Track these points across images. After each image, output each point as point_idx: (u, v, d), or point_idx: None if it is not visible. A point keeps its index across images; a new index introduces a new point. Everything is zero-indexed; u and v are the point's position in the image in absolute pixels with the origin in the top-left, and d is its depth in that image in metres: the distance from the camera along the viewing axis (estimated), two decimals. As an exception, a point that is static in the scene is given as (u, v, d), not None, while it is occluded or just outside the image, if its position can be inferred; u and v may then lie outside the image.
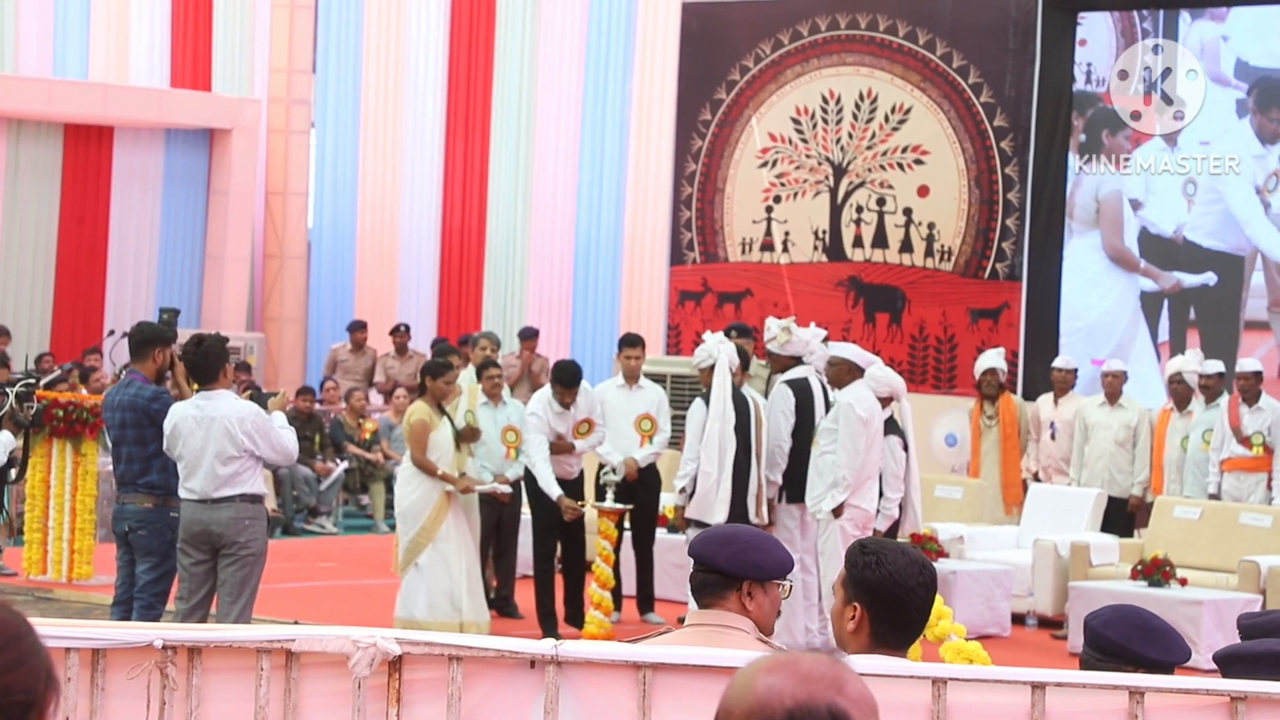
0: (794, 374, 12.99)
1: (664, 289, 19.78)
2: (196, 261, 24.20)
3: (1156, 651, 4.71)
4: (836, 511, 12.27)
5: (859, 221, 18.41)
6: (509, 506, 13.58)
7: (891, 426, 12.62)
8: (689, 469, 12.72)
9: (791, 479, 12.85)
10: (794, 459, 12.83)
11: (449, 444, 12.57)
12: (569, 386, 13.25)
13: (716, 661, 4.57)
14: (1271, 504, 14.56)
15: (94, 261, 23.34)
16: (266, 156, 24.68)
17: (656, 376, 15.36)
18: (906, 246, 18.17)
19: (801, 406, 12.87)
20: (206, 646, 5.06)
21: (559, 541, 13.49)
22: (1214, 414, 15.09)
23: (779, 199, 18.81)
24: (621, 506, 13.17)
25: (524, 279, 23.33)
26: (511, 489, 13.36)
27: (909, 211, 18.19)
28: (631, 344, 13.97)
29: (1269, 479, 14.76)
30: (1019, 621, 14.09)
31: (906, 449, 12.73)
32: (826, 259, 18.54)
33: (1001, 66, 17.71)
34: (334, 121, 24.63)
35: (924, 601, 4.33)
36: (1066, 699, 4.65)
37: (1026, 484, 15.94)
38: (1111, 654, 4.72)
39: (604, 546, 13.07)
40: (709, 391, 12.72)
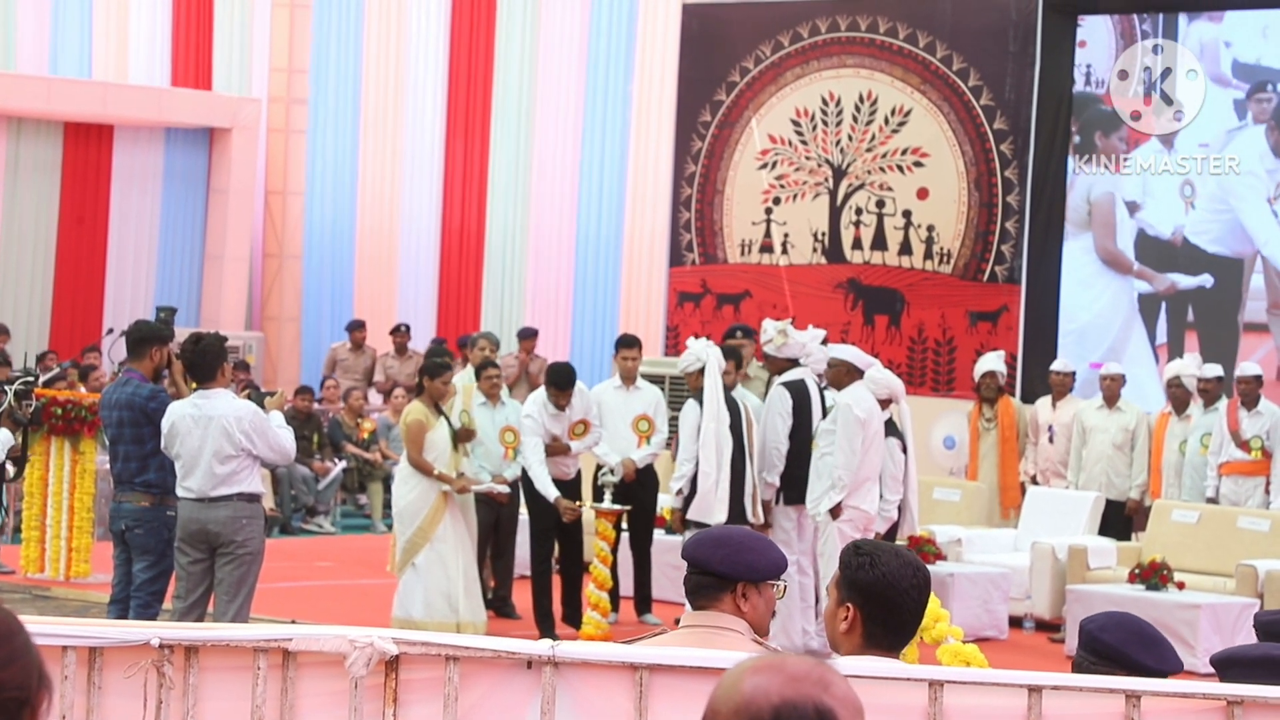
0: (791, 376, 13.00)
1: (663, 290, 19.78)
2: (196, 260, 24.20)
3: (1151, 658, 4.71)
4: (834, 513, 12.28)
5: (858, 223, 18.41)
6: (507, 507, 13.58)
7: (890, 429, 12.64)
8: (685, 470, 12.73)
9: (788, 481, 12.86)
10: (791, 461, 12.84)
11: (446, 444, 12.56)
12: (563, 389, 13.24)
13: (713, 663, 4.56)
14: (1269, 508, 14.55)
15: (93, 260, 23.33)
16: (266, 156, 24.68)
17: (655, 378, 15.37)
18: (906, 249, 18.17)
19: (798, 408, 12.88)
20: (203, 645, 5.06)
21: (556, 542, 13.50)
22: (1212, 418, 15.09)
23: (778, 201, 18.81)
24: (619, 507, 13.17)
25: (523, 279, 23.33)
26: (510, 489, 13.35)
27: (908, 214, 18.18)
28: (628, 345, 13.96)
29: (1267, 483, 14.76)
30: (1016, 624, 14.08)
31: (905, 451, 12.75)
32: (826, 261, 18.54)
33: (1001, 69, 17.71)
34: (334, 121, 24.63)
35: (917, 604, 4.33)
36: (1063, 702, 4.65)
37: (1024, 487, 15.94)
38: (1106, 658, 4.72)
39: (601, 547, 13.07)
40: (698, 394, 12.75)
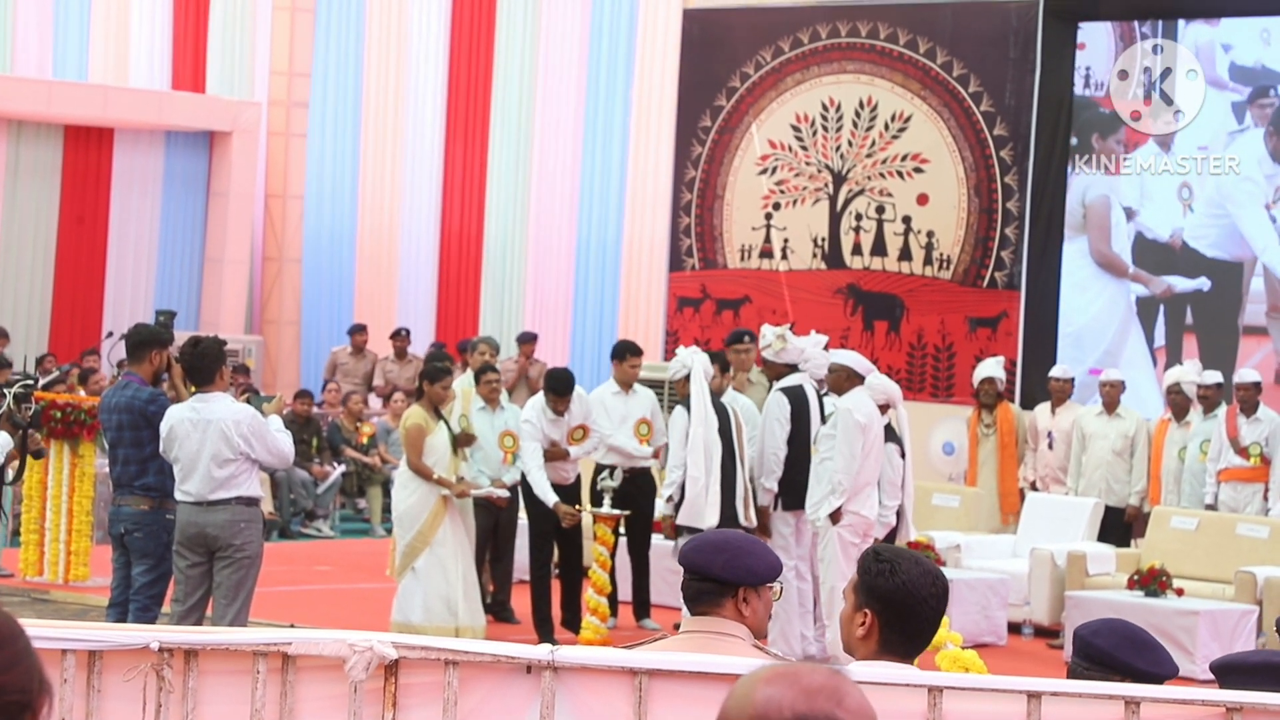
0: (789, 381, 13.01)
1: (663, 295, 19.77)
2: (195, 264, 24.20)
3: (1144, 662, 4.70)
4: (834, 518, 12.28)
5: (858, 229, 18.41)
6: (506, 511, 13.58)
7: (889, 434, 12.64)
8: (675, 477, 12.75)
9: (787, 486, 12.86)
10: (789, 466, 12.84)
11: (445, 448, 12.56)
12: (562, 395, 13.25)
13: (713, 668, 4.57)
14: (1268, 515, 14.55)
15: (93, 264, 23.34)
16: (266, 159, 24.68)
17: (654, 383, 15.37)
18: (905, 254, 18.16)
19: (796, 414, 12.89)
20: (203, 649, 5.06)
21: (555, 547, 13.50)
22: (1212, 424, 15.09)
23: (778, 206, 18.81)
24: (618, 512, 13.17)
25: (522, 284, 23.33)
26: (509, 494, 13.35)
27: (908, 219, 18.18)
28: (635, 353, 14.01)
29: (1266, 489, 14.76)
30: (1015, 630, 14.07)
31: (904, 456, 12.75)
32: (825, 266, 18.53)
33: (1002, 76, 17.71)
34: (334, 125, 24.63)
35: (935, 612, 4.32)
36: (1062, 708, 4.65)
37: (1024, 493, 15.93)
38: (1099, 662, 4.71)
39: (600, 552, 13.06)
40: (686, 401, 12.77)
